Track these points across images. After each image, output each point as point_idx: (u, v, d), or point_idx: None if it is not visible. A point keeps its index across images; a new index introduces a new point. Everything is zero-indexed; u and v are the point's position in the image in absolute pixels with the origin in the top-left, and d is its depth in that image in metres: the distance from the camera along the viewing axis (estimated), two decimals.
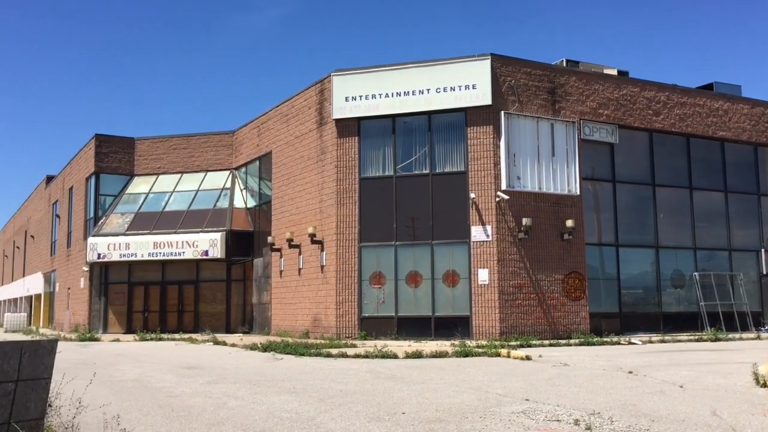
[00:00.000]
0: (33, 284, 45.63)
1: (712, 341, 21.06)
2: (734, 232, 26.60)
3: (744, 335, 23.11)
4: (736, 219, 26.80)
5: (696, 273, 25.23)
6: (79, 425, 6.02)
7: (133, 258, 29.40)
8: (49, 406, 5.33)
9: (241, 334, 27.87)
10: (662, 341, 20.77)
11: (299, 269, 25.09)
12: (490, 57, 22.15)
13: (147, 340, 25.59)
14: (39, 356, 4.59)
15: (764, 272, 26.80)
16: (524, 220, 21.52)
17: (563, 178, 22.65)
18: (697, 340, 21.21)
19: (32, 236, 48.18)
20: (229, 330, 29.91)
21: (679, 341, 20.87)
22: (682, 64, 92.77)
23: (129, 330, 30.36)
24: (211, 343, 22.86)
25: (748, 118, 27.23)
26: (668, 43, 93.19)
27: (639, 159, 25.32)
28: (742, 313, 25.38)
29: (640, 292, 24.88)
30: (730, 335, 22.76)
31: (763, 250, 26.92)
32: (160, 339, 25.83)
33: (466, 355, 16.14)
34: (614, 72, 25.97)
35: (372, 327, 22.19)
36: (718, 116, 26.57)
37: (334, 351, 17.18)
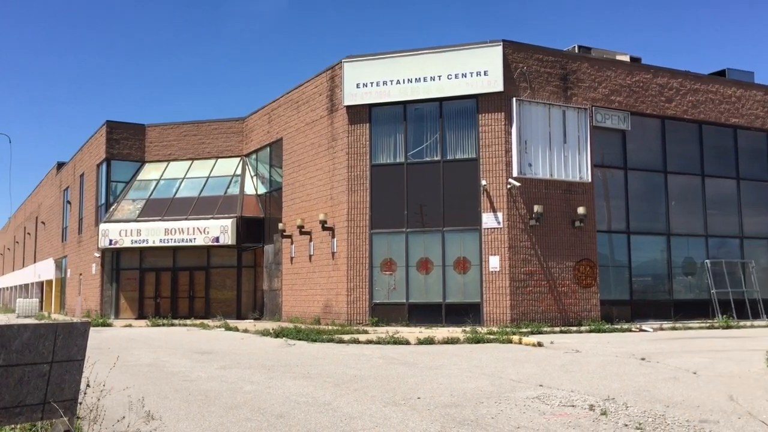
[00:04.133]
0: (44, 270, 45.96)
1: (723, 329, 21.05)
2: (746, 220, 26.49)
3: (756, 323, 23.08)
4: (748, 206, 26.68)
5: (707, 260, 25.16)
6: (104, 407, 6.11)
7: (144, 244, 29.54)
8: (88, 386, 5.40)
9: (252, 320, 28.04)
10: (673, 329, 20.76)
11: (310, 256, 25.17)
12: (502, 43, 22.07)
13: (159, 325, 25.77)
14: (73, 338, 4.65)
15: None
16: (535, 207, 21.50)
17: (575, 165, 22.60)
18: (709, 328, 21.21)
19: (43, 222, 48.46)
20: (239, 316, 30.07)
21: (691, 329, 20.86)
22: (695, 51, 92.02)
23: (140, 316, 30.58)
24: (223, 329, 23.01)
25: (761, 104, 27.04)
26: (681, 29, 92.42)
27: (651, 146, 25.22)
28: (754, 300, 25.32)
29: (651, 279, 24.86)
30: (742, 323, 22.73)
31: None
32: (172, 325, 26.01)
33: (478, 342, 16.20)
34: (627, 58, 25.81)
35: (383, 313, 22.27)
36: (731, 103, 26.40)
37: (346, 337, 17.29)
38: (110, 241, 29.87)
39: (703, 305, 24.70)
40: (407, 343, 15.95)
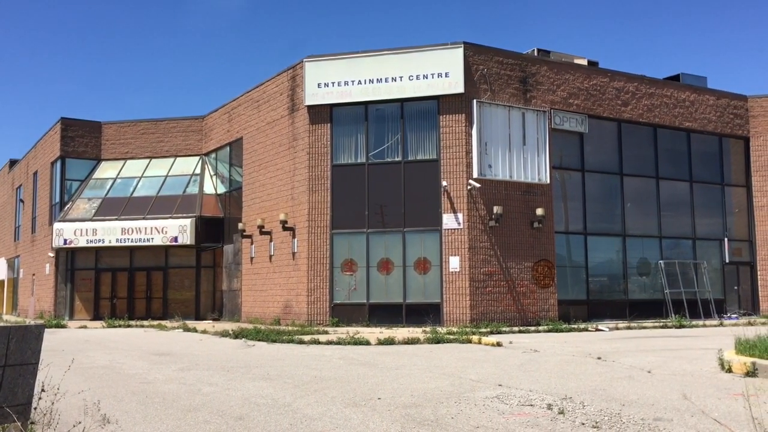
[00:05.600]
0: None
1: (676, 328, 21.54)
2: (699, 221, 27.16)
3: (707, 322, 23.67)
4: (701, 208, 27.36)
5: (661, 261, 25.72)
6: (59, 411, 5.98)
7: (100, 244, 28.99)
8: (42, 389, 5.28)
9: (211, 321, 27.73)
10: (628, 328, 21.17)
11: (270, 256, 25.00)
12: (462, 45, 22.22)
13: (115, 326, 25.31)
14: (27, 341, 4.54)
15: (727, 260, 27.43)
16: (495, 208, 21.71)
17: (534, 167, 22.88)
18: (663, 327, 21.67)
19: None
20: (198, 317, 29.72)
21: (645, 328, 21.29)
22: (650, 55, 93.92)
23: (96, 317, 29.98)
24: (181, 330, 22.71)
25: (713, 109, 27.75)
26: (636, 34, 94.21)
27: (607, 148, 25.68)
28: (706, 300, 25.97)
29: (607, 279, 25.31)
30: (694, 322, 23.29)
31: (726, 238, 27.54)
32: (129, 326, 25.57)
33: (438, 342, 16.29)
34: (584, 62, 26.24)
35: (343, 314, 22.24)
36: (685, 107, 27.04)
37: (306, 338, 17.22)
38: (65, 240, 29.24)
39: (657, 305, 25.26)
40: (368, 343, 15.96)
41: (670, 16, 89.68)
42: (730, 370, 10.20)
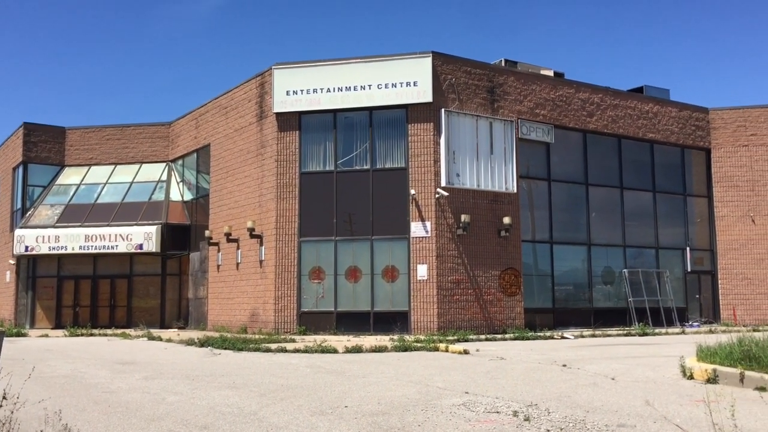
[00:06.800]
0: None
1: (640, 336, 21.86)
2: (661, 231, 27.65)
3: (670, 330, 24.06)
4: (664, 218, 27.85)
5: (625, 270, 26.11)
6: (18, 421, 5.85)
7: (63, 251, 28.48)
8: (4, 398, 5.15)
9: (176, 330, 27.38)
10: (593, 336, 21.42)
11: (237, 264, 24.81)
12: (431, 55, 22.37)
13: (77, 335, 24.84)
14: None
15: (689, 269, 27.94)
16: (463, 217, 21.84)
17: (501, 176, 23.09)
18: (626, 335, 21.98)
19: None
20: (163, 325, 29.33)
21: (609, 336, 21.57)
22: (614, 67, 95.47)
23: (58, 325, 29.42)
24: (146, 339, 22.38)
25: (675, 121, 28.30)
26: (601, 46, 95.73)
27: (573, 158, 26.03)
28: (668, 308, 26.41)
29: (573, 288, 25.61)
30: (657, 330, 23.65)
31: (688, 248, 28.05)
32: (92, 334, 25.11)
33: (405, 350, 16.30)
34: (551, 73, 26.59)
35: (311, 322, 22.15)
36: (648, 119, 27.54)
37: (273, 346, 17.11)
38: (26, 247, 28.67)
39: (621, 313, 25.61)
40: (335, 351, 15.91)
41: (634, 28, 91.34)
42: (691, 377, 10.38)
